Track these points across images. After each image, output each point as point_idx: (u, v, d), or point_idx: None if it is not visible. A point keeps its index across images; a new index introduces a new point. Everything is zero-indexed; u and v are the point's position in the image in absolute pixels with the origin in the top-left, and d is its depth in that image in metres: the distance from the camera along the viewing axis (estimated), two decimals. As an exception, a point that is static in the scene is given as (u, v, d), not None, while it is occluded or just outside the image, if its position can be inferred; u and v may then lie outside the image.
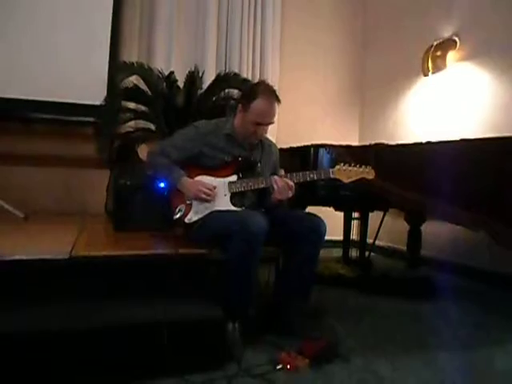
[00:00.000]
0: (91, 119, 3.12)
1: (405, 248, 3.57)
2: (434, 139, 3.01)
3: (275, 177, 1.97)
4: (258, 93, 2.01)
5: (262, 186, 1.99)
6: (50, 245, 2.02)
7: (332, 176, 1.98)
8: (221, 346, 1.65)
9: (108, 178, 3.12)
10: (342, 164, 2.01)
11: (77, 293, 1.74)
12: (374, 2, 4.59)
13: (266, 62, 4.07)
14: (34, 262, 1.69)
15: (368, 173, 1.99)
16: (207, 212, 1.98)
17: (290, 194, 1.95)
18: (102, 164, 3.07)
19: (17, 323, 1.52)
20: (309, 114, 4.41)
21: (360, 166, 2.00)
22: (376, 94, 4.50)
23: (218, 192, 2.01)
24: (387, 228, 3.50)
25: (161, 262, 1.90)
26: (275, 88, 2.10)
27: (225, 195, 2.01)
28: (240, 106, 2.07)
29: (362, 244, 3.41)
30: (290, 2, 4.34)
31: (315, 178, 1.98)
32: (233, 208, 1.99)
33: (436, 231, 3.43)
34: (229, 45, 3.90)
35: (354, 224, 3.66)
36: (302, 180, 2.00)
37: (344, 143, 3.01)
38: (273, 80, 4.06)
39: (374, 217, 3.36)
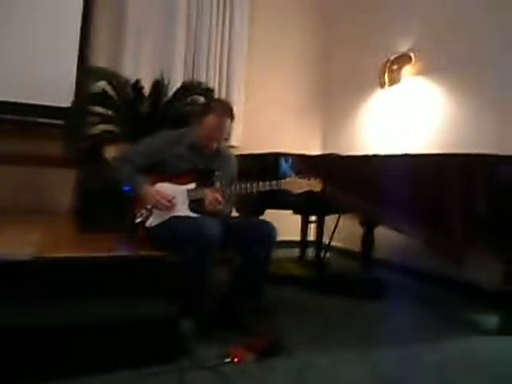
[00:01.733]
0: (59, 121, 3.18)
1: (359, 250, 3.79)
2: (389, 150, 3.25)
3: (206, 190, 2.13)
4: (212, 109, 2.20)
5: (200, 196, 2.14)
6: (13, 244, 2.12)
7: (283, 187, 2.14)
8: (174, 341, 1.79)
9: (74, 178, 3.20)
10: (293, 175, 2.19)
11: (35, 294, 1.82)
12: (337, 14, 4.77)
13: (232, 67, 4.20)
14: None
15: (315, 185, 2.16)
16: (167, 217, 2.13)
17: (219, 207, 2.10)
18: (68, 164, 3.14)
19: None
20: (273, 121, 4.55)
21: (309, 179, 2.17)
22: (337, 103, 4.69)
23: (177, 198, 2.15)
24: (343, 231, 3.70)
25: (122, 262, 2.03)
26: (235, 104, 2.29)
27: (184, 202, 2.16)
28: (197, 118, 2.25)
29: (317, 245, 3.62)
30: (258, 6, 4.45)
31: (267, 188, 2.15)
32: (191, 214, 2.14)
33: (388, 235, 3.64)
34: (197, 51, 4.01)
35: (312, 226, 3.88)
36: (255, 190, 2.16)
37: (305, 152, 3.16)
38: (239, 84, 4.23)
39: (332, 219, 3.55)
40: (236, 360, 1.77)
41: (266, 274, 2.21)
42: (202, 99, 3.16)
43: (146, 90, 3.01)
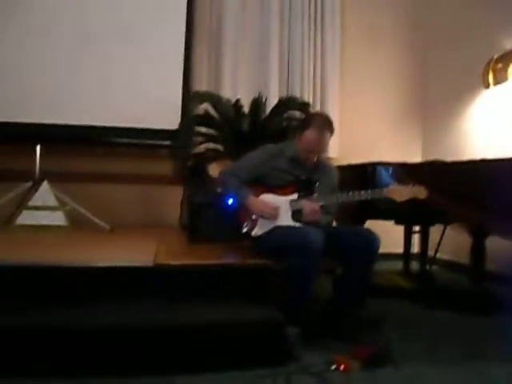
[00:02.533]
0: (167, 142, 3.49)
1: (468, 262, 3.58)
2: (498, 154, 3.04)
3: (303, 201, 2.18)
4: (311, 123, 2.27)
5: (298, 207, 2.20)
6: (134, 254, 2.39)
7: (386, 195, 2.14)
8: (281, 346, 1.86)
9: (182, 193, 3.48)
10: (395, 183, 2.17)
11: (155, 296, 2.01)
12: (433, 19, 4.61)
13: (326, 83, 4.25)
14: (122, 268, 2.05)
15: (420, 192, 2.12)
16: (271, 227, 2.22)
17: (317, 217, 2.15)
18: (176, 181, 3.42)
19: (106, 318, 1.82)
20: (370, 131, 4.49)
21: (413, 186, 2.13)
22: (438, 109, 4.49)
23: (280, 209, 2.24)
24: (450, 241, 3.51)
25: (230, 270, 2.17)
26: (331, 117, 2.35)
27: (287, 212, 2.24)
28: (297, 132, 2.33)
29: (422, 257, 3.48)
30: (349, 25, 4.47)
31: (369, 197, 2.16)
32: (294, 224, 2.21)
33: (501, 245, 3.40)
34: (291, 69, 4.14)
35: (416, 237, 3.74)
36: (358, 198, 2.18)
37: (405, 160, 3.09)
38: (333, 100, 4.27)
39: (437, 230, 3.40)
40: (342, 368, 1.78)
41: (369, 284, 2.20)
42: (298, 114, 3.26)
43: (246, 109, 3.19)
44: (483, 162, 2.65)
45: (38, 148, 3.50)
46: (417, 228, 3.64)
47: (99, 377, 1.64)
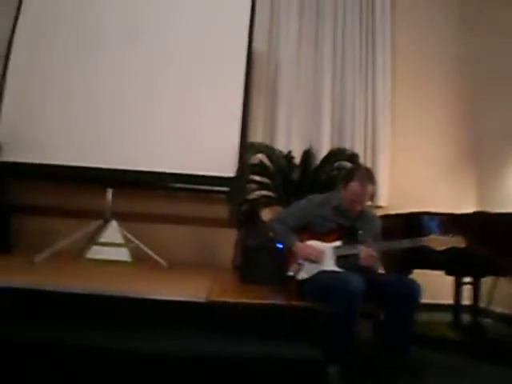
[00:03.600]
0: (224, 188, 3.76)
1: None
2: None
3: (362, 246, 2.32)
4: (354, 176, 2.45)
5: (355, 252, 2.34)
6: (189, 289, 2.59)
7: (425, 244, 2.25)
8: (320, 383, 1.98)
9: (235, 236, 3.71)
10: (435, 234, 2.27)
11: (205, 329, 2.19)
12: (483, 63, 4.64)
13: (377, 134, 4.39)
14: (177, 302, 2.27)
15: (458, 242, 2.22)
16: (316, 271, 2.38)
17: (372, 263, 2.29)
18: (230, 224, 3.66)
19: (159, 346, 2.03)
20: (422, 181, 4.51)
21: (452, 236, 2.24)
22: (493, 158, 4.44)
23: (325, 255, 2.41)
24: (504, 293, 3.46)
25: (276, 310, 2.33)
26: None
27: (331, 257, 2.40)
28: (341, 184, 2.51)
29: (473, 309, 3.43)
30: (399, 77, 4.63)
31: (410, 245, 2.28)
32: (337, 269, 2.36)
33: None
34: (342, 121, 4.35)
35: (466, 288, 3.68)
36: (399, 247, 2.31)
37: (457, 210, 3.10)
38: (384, 147, 4.39)
39: (490, 281, 3.36)
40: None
41: (411, 332, 2.26)
42: (348, 164, 3.45)
43: (297, 160, 3.43)
44: None
45: (110, 191, 3.84)
46: (468, 279, 3.61)
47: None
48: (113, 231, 3.69)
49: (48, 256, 3.29)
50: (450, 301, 3.64)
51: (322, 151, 3.71)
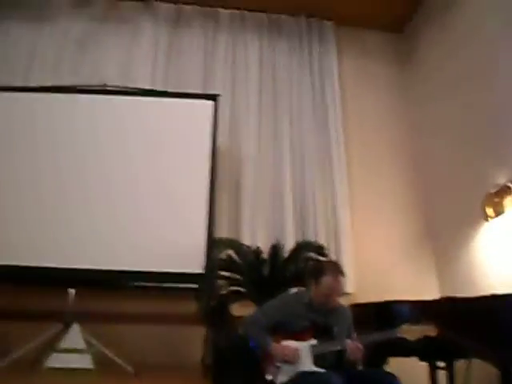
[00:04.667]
0: (192, 285, 3.72)
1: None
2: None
3: (348, 340, 2.34)
4: (325, 271, 2.51)
5: (338, 348, 2.36)
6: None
7: (398, 335, 2.30)
8: None
9: (204, 333, 3.59)
10: (407, 324, 2.33)
11: None
12: (432, 155, 4.99)
13: (339, 225, 4.58)
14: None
15: (430, 330, 2.29)
16: (295, 373, 2.34)
17: (360, 355, 2.29)
18: (199, 321, 3.56)
19: None
20: (385, 265, 4.64)
21: (423, 325, 2.31)
22: (447, 242, 4.62)
23: (301, 354, 2.39)
24: (478, 374, 3.46)
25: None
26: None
27: (308, 357, 2.38)
28: (312, 280, 2.56)
29: (449, 394, 3.41)
30: (355, 164, 4.96)
31: (383, 338, 2.32)
32: (315, 368, 2.33)
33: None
34: (304, 211, 4.53)
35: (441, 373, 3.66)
36: (372, 340, 2.34)
37: (421, 294, 3.23)
38: (346, 238, 4.55)
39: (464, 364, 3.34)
40: None
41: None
42: (315, 256, 3.54)
43: (265, 254, 3.49)
44: (493, 298, 2.71)
45: (72, 291, 3.68)
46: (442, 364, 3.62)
47: None
48: (74, 335, 3.51)
49: (4, 366, 3.09)
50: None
51: (288, 245, 3.80)
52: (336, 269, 2.55)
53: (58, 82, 4.55)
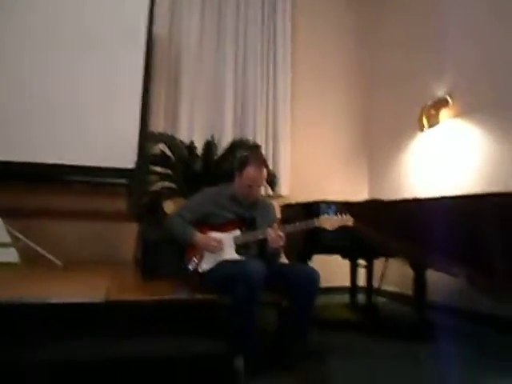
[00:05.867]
0: (123, 181, 3.58)
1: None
2: (432, 193, 3.29)
3: (269, 229, 2.35)
4: (248, 162, 2.46)
5: (260, 237, 2.38)
6: (86, 290, 2.41)
7: (317, 225, 2.33)
8: (228, 377, 1.96)
9: (137, 230, 3.55)
10: (325, 215, 2.36)
11: (106, 331, 2.09)
12: (377, 64, 5.00)
13: (278, 126, 4.51)
14: (73, 304, 2.10)
15: (347, 220, 2.33)
16: (216, 262, 2.36)
17: (281, 243, 2.32)
18: (132, 218, 3.50)
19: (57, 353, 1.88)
20: (320, 171, 4.74)
21: (341, 215, 2.34)
22: (381, 149, 4.80)
23: (225, 245, 2.40)
24: (394, 274, 3.73)
25: (179, 305, 2.27)
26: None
27: (231, 247, 2.41)
28: (237, 173, 2.51)
29: (368, 290, 3.67)
30: (299, 67, 4.80)
31: (304, 227, 2.35)
32: (238, 257, 2.37)
33: (440, 277, 3.61)
34: (244, 110, 4.39)
35: (362, 271, 3.92)
36: (293, 230, 2.36)
37: (352, 198, 3.26)
38: (285, 140, 4.51)
39: (383, 262, 3.58)
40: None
41: (311, 317, 2.33)
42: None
43: (199, 150, 3.36)
44: (415, 201, 2.86)
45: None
46: (362, 262, 3.84)
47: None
48: (-3, 229, 3.33)
49: None
50: (345, 283, 3.87)
51: (225, 142, 3.68)
52: (259, 160, 2.51)
53: None
